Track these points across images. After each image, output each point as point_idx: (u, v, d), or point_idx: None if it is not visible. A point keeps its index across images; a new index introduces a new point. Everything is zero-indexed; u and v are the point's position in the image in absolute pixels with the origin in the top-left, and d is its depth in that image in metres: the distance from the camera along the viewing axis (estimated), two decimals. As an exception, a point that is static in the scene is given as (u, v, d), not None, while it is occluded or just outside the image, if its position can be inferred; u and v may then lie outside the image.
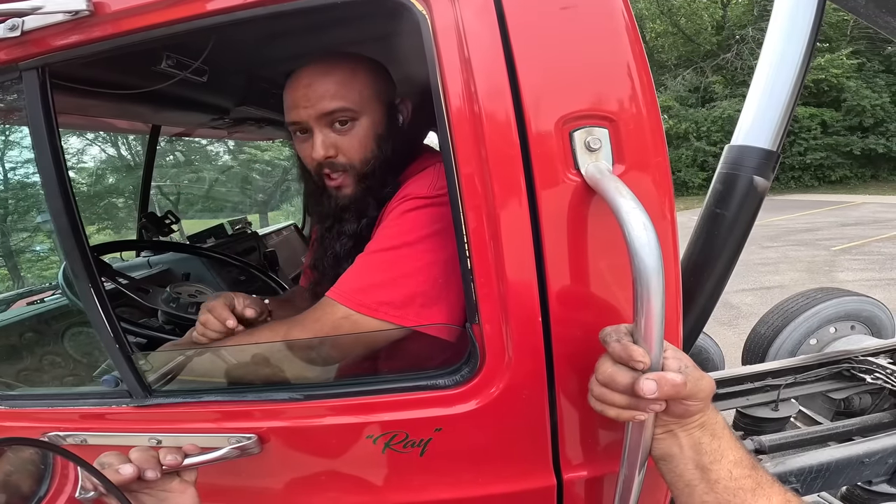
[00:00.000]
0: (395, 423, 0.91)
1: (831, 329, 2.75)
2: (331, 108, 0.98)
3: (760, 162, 1.25)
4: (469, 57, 0.71)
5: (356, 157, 1.02)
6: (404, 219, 0.97)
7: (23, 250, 7.07)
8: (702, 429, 0.74)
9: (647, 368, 0.65)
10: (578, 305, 0.79)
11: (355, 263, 0.99)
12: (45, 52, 0.83)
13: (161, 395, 1.03)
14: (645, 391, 0.65)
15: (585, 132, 0.70)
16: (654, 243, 0.58)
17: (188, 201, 8.60)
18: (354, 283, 0.96)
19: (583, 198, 0.73)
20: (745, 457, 0.74)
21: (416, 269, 0.94)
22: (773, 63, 1.26)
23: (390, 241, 0.96)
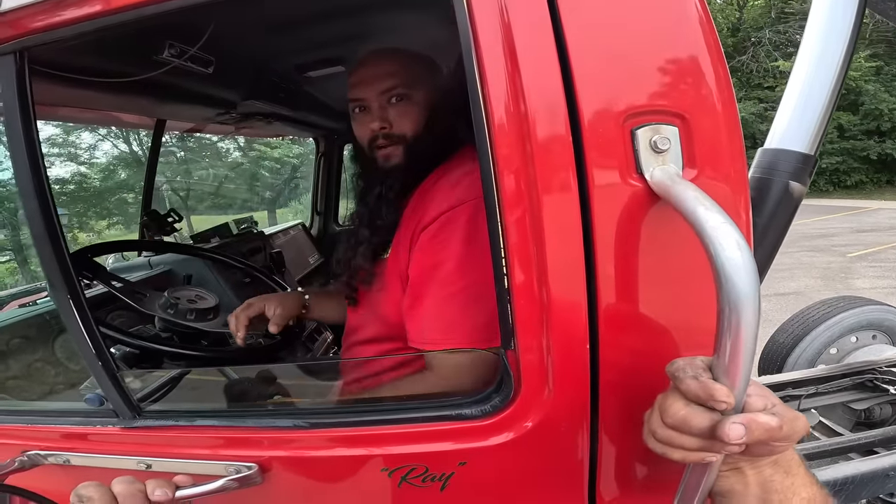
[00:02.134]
0: (414, 456, 0.81)
1: (852, 338, 2.67)
2: (389, 85, 1.09)
3: (797, 166, 1.23)
4: (513, 39, 0.60)
5: (408, 130, 1.11)
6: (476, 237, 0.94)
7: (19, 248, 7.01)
8: (774, 466, 0.66)
9: (732, 409, 0.55)
10: (630, 330, 0.68)
11: (430, 305, 0.99)
12: (22, 34, 0.74)
13: (151, 417, 0.95)
14: (731, 437, 0.55)
15: (651, 130, 0.59)
16: (749, 265, 0.47)
17: (197, 198, 8.57)
18: (443, 325, 0.96)
19: (643, 206, 0.61)
20: (817, 493, 0.66)
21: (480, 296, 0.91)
22: (811, 65, 1.25)
23: (461, 274, 0.95)
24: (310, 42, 1.58)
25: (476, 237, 0.93)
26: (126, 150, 9.66)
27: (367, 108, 1.13)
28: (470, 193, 0.97)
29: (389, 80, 1.09)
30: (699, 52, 0.59)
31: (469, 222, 0.96)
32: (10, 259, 7.04)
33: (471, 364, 0.94)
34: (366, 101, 1.12)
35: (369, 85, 1.10)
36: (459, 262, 0.95)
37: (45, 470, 1.02)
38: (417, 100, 1.11)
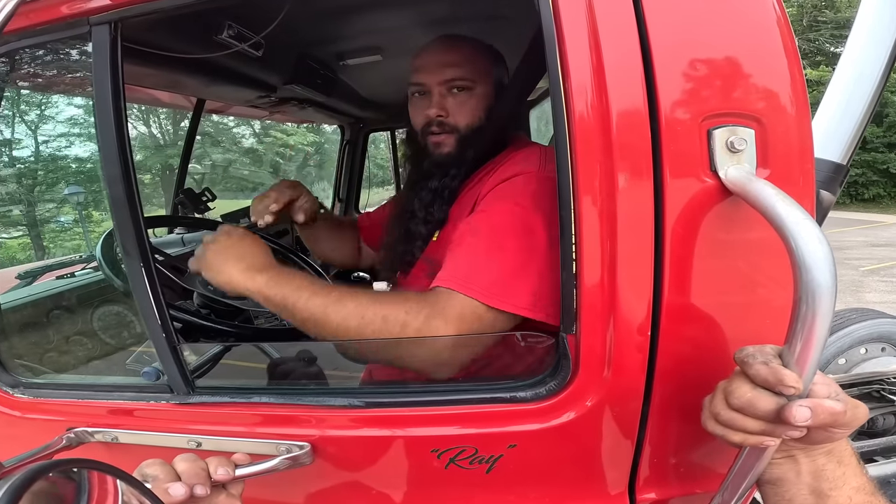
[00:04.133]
0: (466, 437, 0.83)
1: (862, 350, 2.66)
2: (452, 75, 1.09)
3: (829, 175, 1.21)
4: (597, 33, 0.62)
5: (463, 121, 1.11)
6: (524, 204, 0.90)
7: (48, 221, 7.09)
8: (828, 455, 0.68)
9: (798, 395, 0.58)
10: (690, 320, 0.70)
11: (466, 248, 0.90)
12: (118, 5, 0.76)
13: (205, 393, 0.95)
14: (797, 419, 0.58)
15: (728, 131, 0.61)
16: (830, 259, 0.50)
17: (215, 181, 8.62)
18: (479, 274, 0.86)
19: (715, 202, 0.64)
20: (867, 483, 0.68)
21: (551, 261, 0.83)
22: (851, 75, 1.22)
23: (514, 224, 0.89)
24: (353, 30, 1.61)
25: (536, 204, 0.89)
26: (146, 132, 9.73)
27: (426, 93, 1.12)
28: (530, 166, 0.98)
29: (453, 69, 1.09)
30: (778, 57, 0.61)
31: (529, 189, 0.93)
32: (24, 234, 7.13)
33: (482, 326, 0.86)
34: (426, 87, 1.12)
35: (432, 72, 1.10)
36: (514, 218, 0.90)
37: (86, 449, 1.00)
38: (478, 92, 1.11)
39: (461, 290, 0.84)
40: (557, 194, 0.68)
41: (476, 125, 1.11)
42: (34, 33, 0.81)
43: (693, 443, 0.83)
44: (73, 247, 7.32)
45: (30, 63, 1.01)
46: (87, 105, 7.55)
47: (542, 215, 0.87)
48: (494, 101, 1.12)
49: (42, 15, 0.77)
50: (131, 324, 1.54)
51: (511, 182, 0.97)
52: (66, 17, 0.78)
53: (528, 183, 0.94)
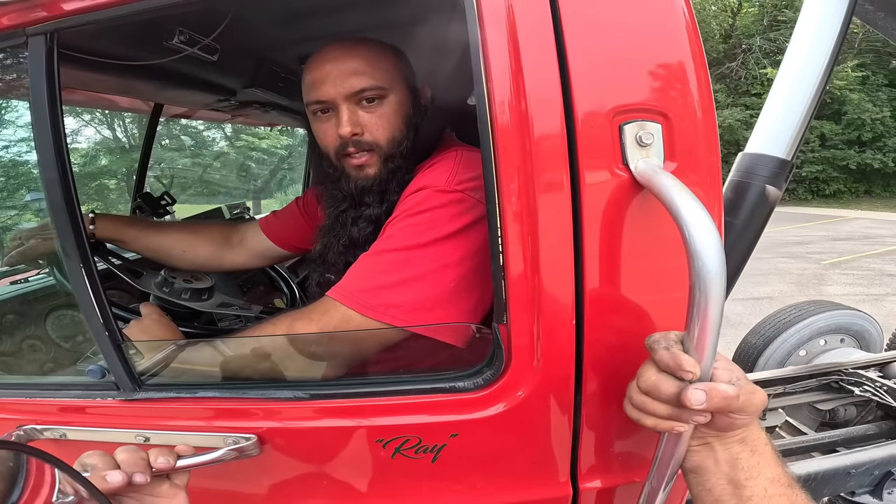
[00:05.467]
0: (408, 427, 0.86)
1: (821, 341, 2.78)
2: (360, 85, 0.97)
3: (774, 171, 1.28)
4: (517, 39, 0.66)
5: (382, 137, 1.01)
6: (419, 218, 0.93)
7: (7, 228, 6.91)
8: (742, 444, 0.71)
9: (696, 379, 0.62)
10: (613, 308, 0.75)
11: (360, 262, 0.95)
12: (55, 16, 0.78)
13: (151, 389, 0.97)
14: (692, 401, 0.62)
15: (637, 126, 0.65)
16: (718, 247, 0.54)
17: (181, 185, 8.47)
18: (361, 284, 0.91)
19: (628, 194, 0.68)
20: (782, 474, 0.71)
21: (429, 272, 0.90)
22: (794, 73, 1.29)
23: (401, 241, 0.92)
24: (311, 33, 1.62)
25: (431, 219, 0.91)
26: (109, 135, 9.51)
27: (331, 110, 1.01)
28: (437, 180, 0.95)
29: (359, 78, 0.97)
30: (684, 57, 0.65)
31: (429, 204, 0.92)
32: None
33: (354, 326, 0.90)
34: (331, 103, 0.99)
35: (334, 85, 0.97)
36: (405, 234, 0.92)
37: (39, 446, 0.99)
38: (392, 100, 1.01)
39: (338, 299, 0.91)
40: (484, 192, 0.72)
41: (398, 138, 1.02)
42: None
43: (629, 431, 0.87)
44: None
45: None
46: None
47: (440, 227, 0.90)
48: (412, 106, 1.04)
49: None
50: (81, 326, 1.54)
51: (414, 197, 0.95)
52: (5, 27, 0.79)
53: (430, 198, 0.93)
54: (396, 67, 1.03)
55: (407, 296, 0.89)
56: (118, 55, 1.22)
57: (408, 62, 1.09)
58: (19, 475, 0.57)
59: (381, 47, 1.03)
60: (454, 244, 0.90)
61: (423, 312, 0.89)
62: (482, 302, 0.93)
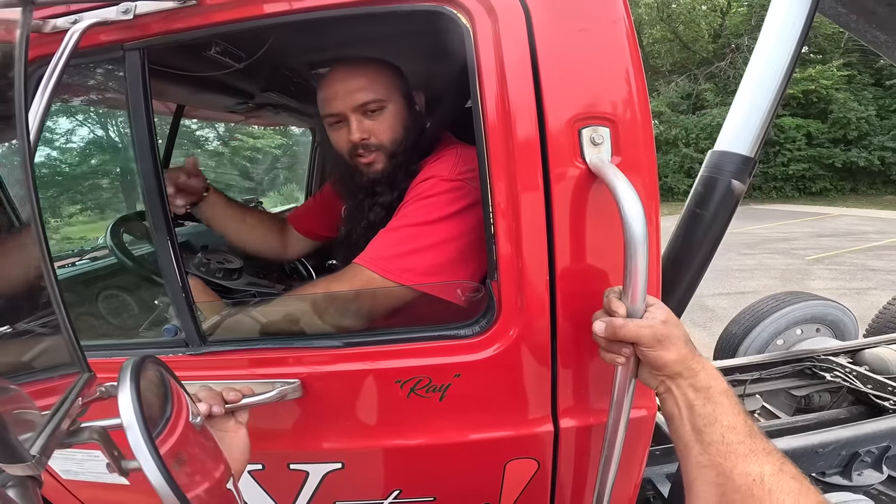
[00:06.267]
0: (421, 368, 1.05)
1: (798, 331, 2.94)
2: (363, 99, 1.19)
3: (739, 167, 1.37)
4: (503, 64, 0.89)
5: (386, 138, 1.23)
6: (427, 201, 1.16)
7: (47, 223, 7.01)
8: (695, 392, 0.81)
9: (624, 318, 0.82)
10: (578, 268, 0.97)
11: (380, 236, 1.17)
12: (147, 35, 0.97)
13: (214, 344, 1.12)
14: (595, 329, 0.84)
15: (591, 130, 0.88)
16: (641, 215, 0.76)
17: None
18: (381, 252, 1.13)
19: (586, 182, 0.91)
20: (740, 424, 0.78)
21: (435, 244, 1.12)
22: (758, 74, 1.37)
23: (413, 219, 1.15)
24: (323, 43, 1.78)
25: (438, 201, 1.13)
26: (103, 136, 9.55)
27: (343, 121, 1.23)
28: (442, 171, 1.17)
29: (363, 93, 1.19)
30: (627, 74, 0.88)
31: (437, 189, 1.14)
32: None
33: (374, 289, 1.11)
34: (341, 115, 1.22)
35: (343, 100, 1.20)
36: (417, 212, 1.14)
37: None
38: (391, 108, 1.23)
39: (363, 264, 1.12)
40: (478, 181, 0.95)
41: (399, 138, 1.24)
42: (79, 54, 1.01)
43: (598, 375, 1.06)
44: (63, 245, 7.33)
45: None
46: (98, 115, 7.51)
47: (444, 208, 1.13)
48: (408, 111, 1.26)
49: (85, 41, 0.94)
50: (129, 306, 1.74)
51: (423, 185, 1.18)
52: (104, 43, 0.98)
53: (436, 185, 1.16)
54: (393, 81, 1.25)
55: (419, 262, 1.12)
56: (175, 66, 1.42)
57: (402, 76, 1.30)
58: (168, 395, 0.69)
59: (380, 66, 1.24)
60: (455, 222, 1.14)
61: (431, 276, 1.12)
62: (478, 272, 1.16)
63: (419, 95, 1.34)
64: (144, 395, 0.60)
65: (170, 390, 0.70)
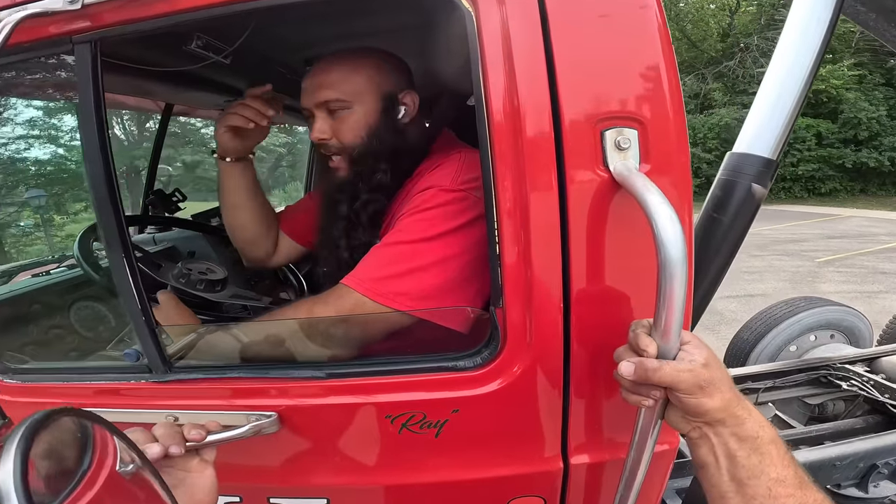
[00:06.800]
0: (415, 403, 0.95)
1: (811, 337, 2.84)
2: (324, 97, 1.09)
3: (760, 170, 1.29)
4: (511, 54, 0.75)
5: (347, 141, 1.12)
6: (425, 214, 1.02)
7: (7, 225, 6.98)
8: (739, 441, 0.72)
9: (657, 357, 0.71)
10: (596, 293, 0.84)
11: (372, 253, 1.04)
12: (99, 26, 0.85)
13: (181, 371, 1.03)
14: (621, 371, 0.72)
15: (616, 132, 0.75)
16: (680, 236, 0.63)
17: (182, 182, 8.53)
18: (372, 273, 1.01)
19: (608, 193, 0.77)
20: (790, 476, 0.71)
21: (433, 263, 0.99)
22: (781, 74, 1.30)
23: (409, 235, 1.02)
24: (316, 37, 1.69)
25: (438, 215, 1.01)
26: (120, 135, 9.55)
27: (311, 117, 1.14)
28: (443, 180, 1.04)
29: (326, 91, 1.09)
30: (658, 68, 0.74)
31: (437, 201, 1.02)
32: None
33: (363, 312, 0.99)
34: (308, 111, 1.13)
35: (309, 95, 1.11)
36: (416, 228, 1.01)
37: None
38: (357, 111, 1.10)
39: (352, 286, 1.00)
40: (483, 189, 0.81)
41: (361, 144, 1.11)
42: (22, 50, 0.89)
43: (614, 408, 0.95)
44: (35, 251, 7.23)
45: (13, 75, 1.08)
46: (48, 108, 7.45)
47: (444, 223, 1.00)
48: (381, 116, 1.12)
49: (31, 33, 0.85)
50: (105, 318, 1.62)
51: (421, 195, 1.05)
52: (52, 35, 0.87)
53: (436, 196, 1.03)
54: (370, 80, 1.12)
55: (414, 284, 0.98)
56: (143, 61, 1.30)
57: (389, 71, 1.16)
58: (87, 444, 0.61)
59: (359, 62, 1.12)
60: (456, 238, 1.00)
61: (428, 300, 0.99)
62: (482, 292, 1.03)
63: (410, 96, 1.17)
64: (52, 449, 0.56)
65: (91, 439, 0.62)
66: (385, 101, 1.13)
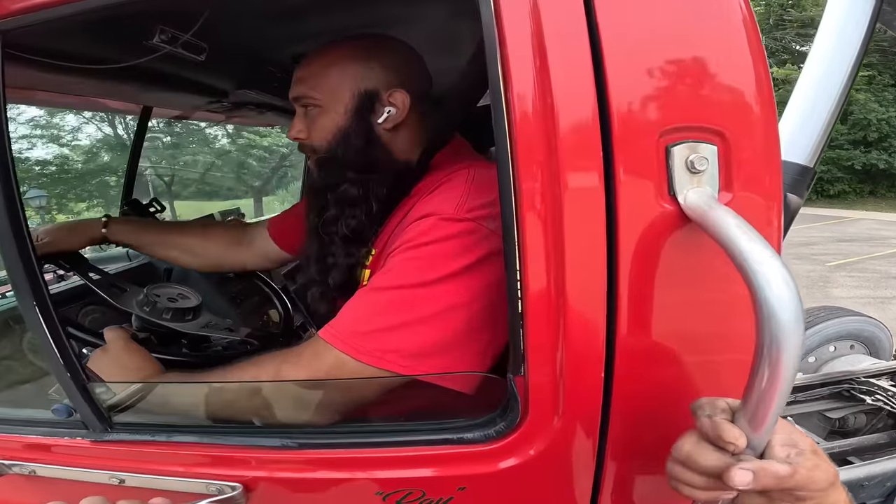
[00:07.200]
0: (412, 480, 0.76)
1: (831, 348, 2.77)
2: (295, 93, 0.99)
3: (795, 178, 1.27)
4: (543, 40, 0.55)
5: (315, 142, 0.99)
6: (424, 251, 0.82)
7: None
8: None
9: (745, 452, 0.53)
10: (650, 361, 0.64)
11: (357, 299, 0.85)
12: (4, 15, 0.67)
13: (123, 431, 0.87)
14: (736, 482, 0.52)
15: (688, 148, 0.54)
16: (796, 305, 0.43)
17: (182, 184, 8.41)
18: (356, 325, 0.81)
19: (672, 228, 0.57)
20: None
21: (433, 314, 0.79)
22: (816, 78, 1.27)
23: (404, 278, 0.81)
24: (308, 32, 1.52)
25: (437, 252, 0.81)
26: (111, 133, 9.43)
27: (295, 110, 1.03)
28: (445, 206, 0.84)
29: (300, 86, 0.98)
30: (744, 63, 0.54)
31: (435, 235, 0.82)
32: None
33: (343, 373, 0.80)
34: (292, 104, 1.02)
35: (291, 87, 1.00)
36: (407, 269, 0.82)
37: (13, 479, 0.95)
38: (330, 111, 0.95)
39: (330, 341, 0.81)
40: (500, 220, 0.61)
41: (325, 148, 0.97)
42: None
43: (656, 495, 0.77)
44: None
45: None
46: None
47: (446, 263, 0.80)
48: (352, 119, 0.95)
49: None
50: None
51: (417, 225, 0.84)
52: None
53: (435, 228, 0.82)
54: (346, 75, 0.95)
55: (408, 340, 0.78)
56: (94, 56, 1.11)
57: (374, 68, 0.96)
58: None
59: (339, 53, 0.97)
60: (463, 282, 0.79)
61: (425, 358, 0.78)
62: (493, 343, 0.82)
63: (401, 96, 0.96)
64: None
65: None
66: (360, 100, 0.95)
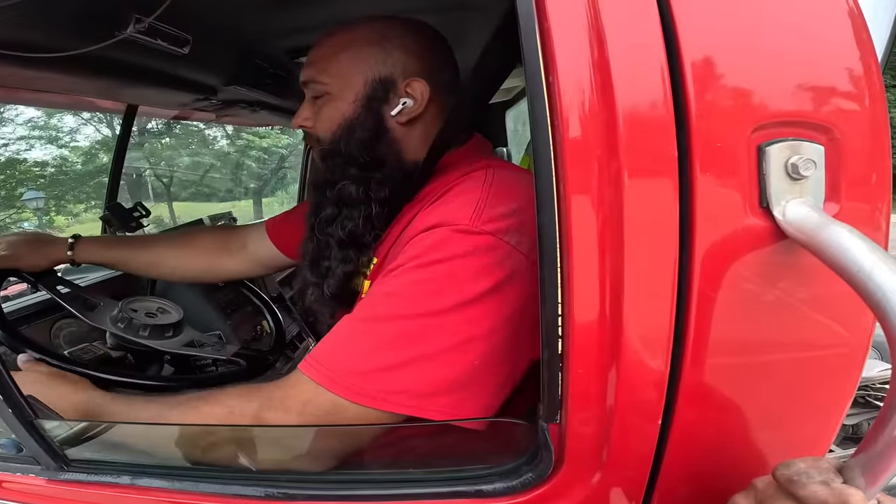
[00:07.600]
0: (421, 533, 0.64)
1: None
2: (304, 77, 0.90)
3: None
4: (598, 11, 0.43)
5: (320, 132, 0.90)
6: (433, 271, 0.68)
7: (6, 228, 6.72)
8: None
9: None
10: (718, 407, 0.52)
11: (353, 329, 0.71)
12: None
13: (80, 470, 0.76)
14: None
15: (788, 148, 0.42)
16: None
17: (180, 185, 8.30)
18: (353, 363, 0.68)
19: (764, 250, 0.45)
20: None
21: (445, 349, 0.66)
22: None
23: (411, 305, 0.68)
24: (301, 24, 1.41)
25: (448, 272, 0.68)
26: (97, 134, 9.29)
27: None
28: (459, 215, 0.71)
29: (308, 69, 0.89)
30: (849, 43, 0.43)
31: (445, 251, 0.69)
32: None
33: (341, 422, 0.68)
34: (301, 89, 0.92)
35: (302, 70, 0.90)
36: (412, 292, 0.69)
37: None
38: (337, 99, 0.86)
39: (324, 384, 0.68)
40: (523, 233, 0.49)
41: (329, 140, 0.87)
42: None
43: None
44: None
45: None
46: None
47: (462, 287, 0.67)
48: (361, 109, 0.85)
49: None
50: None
51: (425, 238, 0.71)
52: None
53: (448, 242, 0.69)
54: (358, 60, 0.85)
55: (417, 379, 0.66)
56: (60, 48, 0.98)
57: (392, 53, 0.85)
58: None
59: (354, 35, 0.86)
60: (482, 310, 0.66)
61: (437, 397, 0.65)
62: (513, 375, 0.70)
63: (420, 86, 0.84)
64: None
65: None
66: (372, 88, 0.84)
